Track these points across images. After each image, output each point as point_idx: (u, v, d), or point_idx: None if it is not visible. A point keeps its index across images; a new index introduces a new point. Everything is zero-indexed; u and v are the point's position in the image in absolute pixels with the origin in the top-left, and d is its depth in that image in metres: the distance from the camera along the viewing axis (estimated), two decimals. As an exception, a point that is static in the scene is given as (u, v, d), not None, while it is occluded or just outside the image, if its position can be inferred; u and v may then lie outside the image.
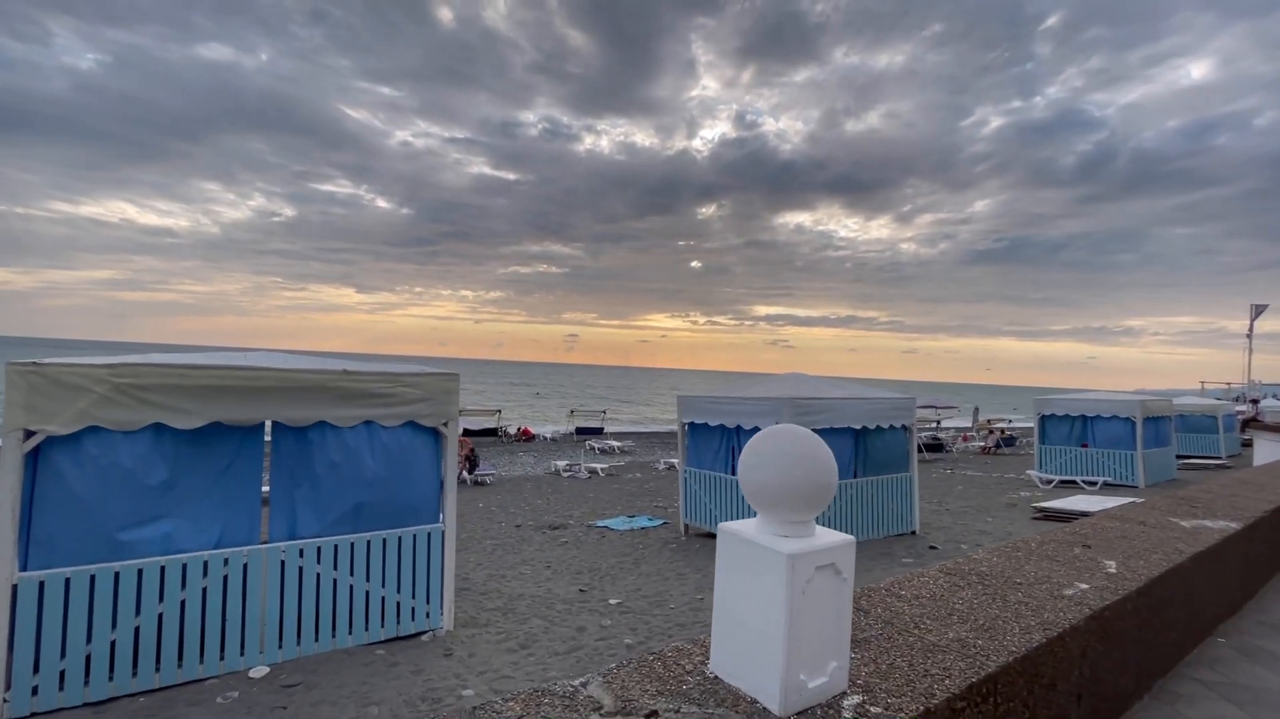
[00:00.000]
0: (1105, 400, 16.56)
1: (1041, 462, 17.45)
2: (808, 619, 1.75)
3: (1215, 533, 4.10)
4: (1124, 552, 3.53)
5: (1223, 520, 4.52)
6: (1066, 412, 17.09)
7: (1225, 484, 6.29)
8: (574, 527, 11.20)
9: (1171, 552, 3.59)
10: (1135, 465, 15.85)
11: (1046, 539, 3.77)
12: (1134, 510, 4.70)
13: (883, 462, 9.51)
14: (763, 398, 8.79)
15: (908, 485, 9.80)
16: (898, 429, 9.71)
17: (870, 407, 9.22)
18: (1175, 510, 4.84)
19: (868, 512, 9.22)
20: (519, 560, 8.56)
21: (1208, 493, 5.67)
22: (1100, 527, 4.18)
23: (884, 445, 9.53)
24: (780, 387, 9.42)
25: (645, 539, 9.93)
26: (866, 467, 9.34)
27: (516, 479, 19.20)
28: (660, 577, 7.57)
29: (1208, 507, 5.03)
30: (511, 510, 13.18)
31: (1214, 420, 24.44)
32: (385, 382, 5.34)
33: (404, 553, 5.40)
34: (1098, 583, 2.96)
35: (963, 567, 3.12)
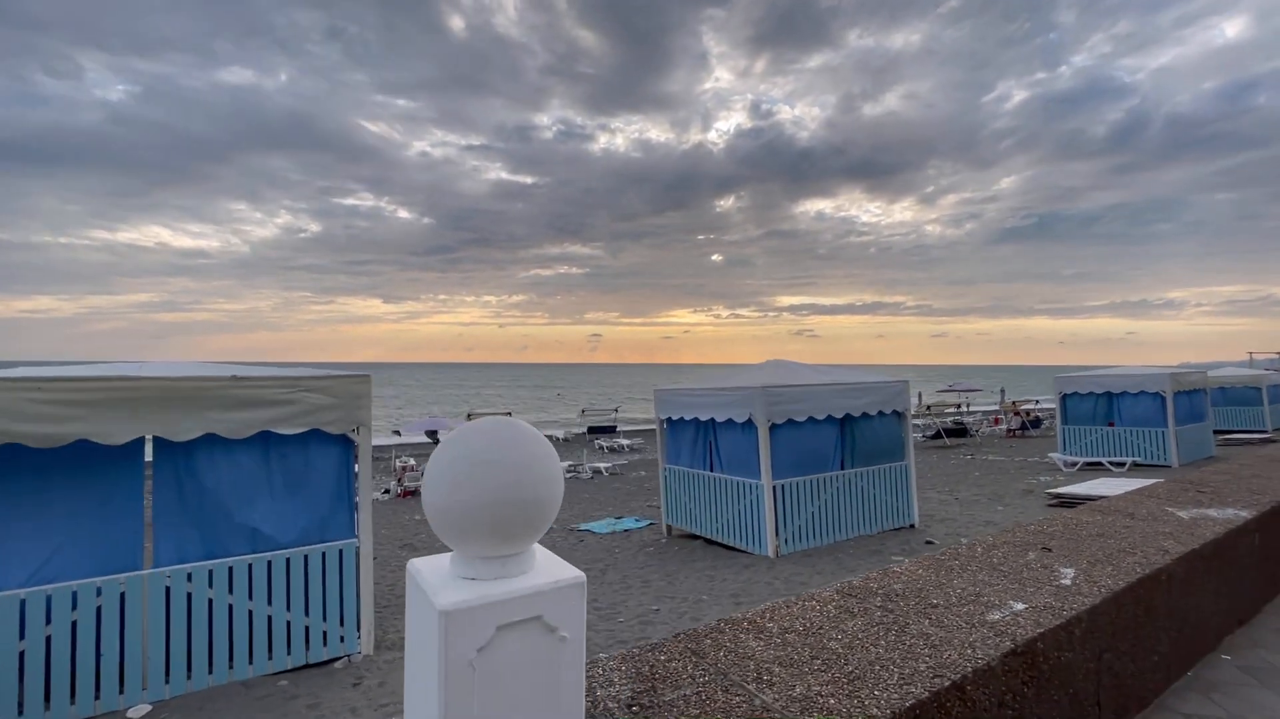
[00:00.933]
0: (1132, 375, 15.44)
1: (1065, 443, 16.40)
2: (487, 703, 1.19)
3: (1217, 526, 3.40)
4: (1092, 555, 2.87)
5: (1232, 509, 3.79)
6: (1090, 389, 16.01)
7: (1249, 463, 5.49)
8: (555, 531, 10.71)
9: (1154, 552, 2.92)
10: (1168, 443, 14.74)
11: (999, 541, 3.12)
12: (1125, 500, 4.00)
13: (873, 451, 8.79)
14: (734, 389, 8.16)
15: (903, 475, 9.06)
16: (888, 415, 8.98)
17: (856, 393, 8.52)
18: (1177, 497, 4.12)
19: (858, 506, 8.52)
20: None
21: (1224, 474, 4.90)
22: (1076, 522, 3.51)
23: (874, 433, 8.81)
24: (757, 376, 8.77)
25: (625, 542, 9.39)
26: (855, 457, 8.63)
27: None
28: (623, 585, 7.02)
29: (1218, 491, 4.29)
30: (499, 516, 12.74)
31: (1258, 392, 22.87)
32: (283, 387, 4.89)
33: (312, 573, 4.95)
34: (1041, 601, 2.32)
35: (870, 584, 2.51)
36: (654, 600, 6.26)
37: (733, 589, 6.45)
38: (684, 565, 7.72)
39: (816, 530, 8.07)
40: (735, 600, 6.05)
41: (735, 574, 7.06)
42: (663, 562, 8.06)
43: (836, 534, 8.25)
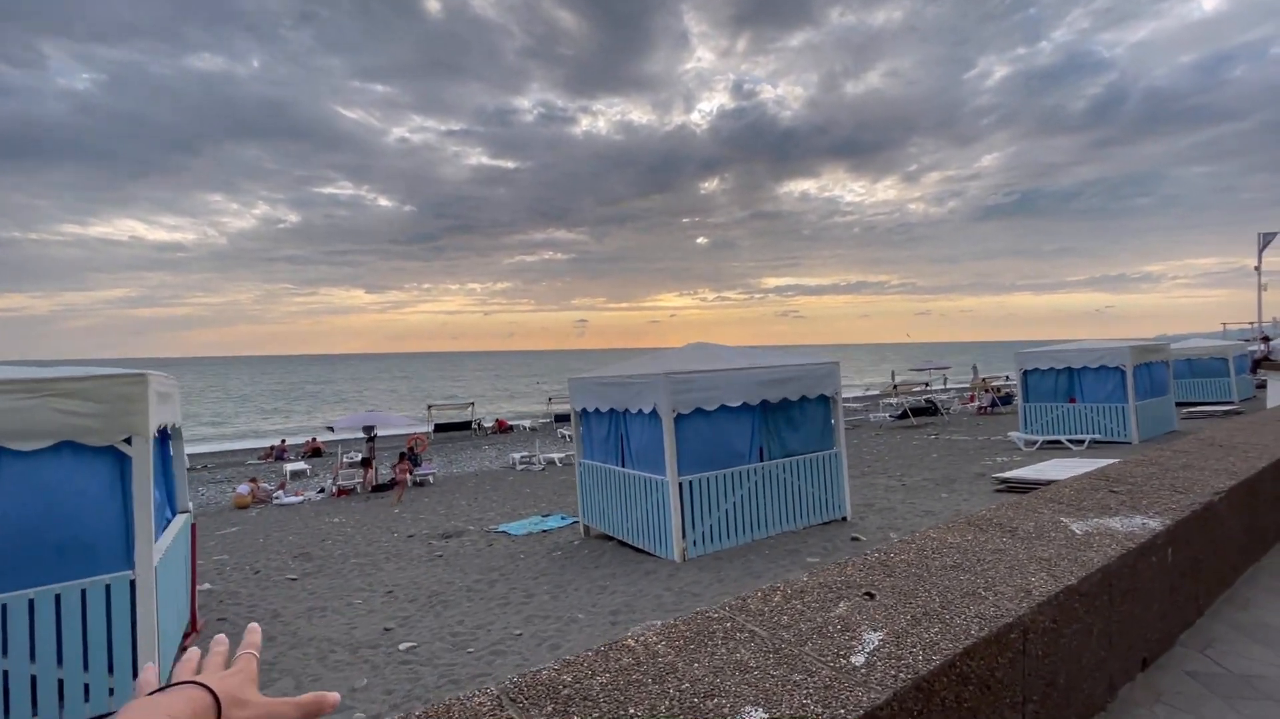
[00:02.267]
0: (1092, 349, 14.88)
1: (1026, 421, 15.86)
2: None
3: (1115, 544, 2.64)
4: (925, 603, 2.09)
5: (1141, 517, 3.05)
6: (1051, 364, 15.44)
7: (1183, 449, 4.78)
8: (472, 533, 9.92)
9: (1013, 594, 2.15)
10: (1128, 419, 14.22)
11: (813, 584, 2.33)
12: (1010, 509, 3.24)
13: (799, 440, 8.05)
14: (638, 376, 7.36)
15: (833, 465, 8.34)
16: (815, 401, 8.22)
17: (777, 377, 7.74)
18: (1082, 501, 3.38)
19: (781, 500, 7.79)
20: (363, 586, 7.29)
21: (1149, 466, 4.18)
22: (936, 545, 2.73)
23: (799, 421, 8.06)
24: (670, 360, 7.97)
25: (536, 546, 8.62)
26: (778, 447, 7.89)
27: (465, 477, 18.01)
28: (503, 602, 6.24)
29: (1135, 490, 3.55)
30: (424, 517, 11.95)
31: (1224, 363, 22.52)
32: (21, 392, 3.99)
33: (67, 615, 4.10)
34: (796, 702, 1.54)
35: (561, 676, 1.71)
36: (524, 622, 5.48)
37: (616, 604, 5.69)
38: (582, 574, 6.95)
39: (732, 530, 7.33)
40: (612, 620, 5.29)
41: (629, 584, 6.30)
42: (563, 569, 7.28)
43: (755, 532, 7.52)
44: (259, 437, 33.55)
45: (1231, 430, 5.64)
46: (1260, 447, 4.90)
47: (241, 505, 14.93)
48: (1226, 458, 4.44)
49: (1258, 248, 19.55)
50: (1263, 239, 19.40)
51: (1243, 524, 3.73)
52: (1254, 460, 4.29)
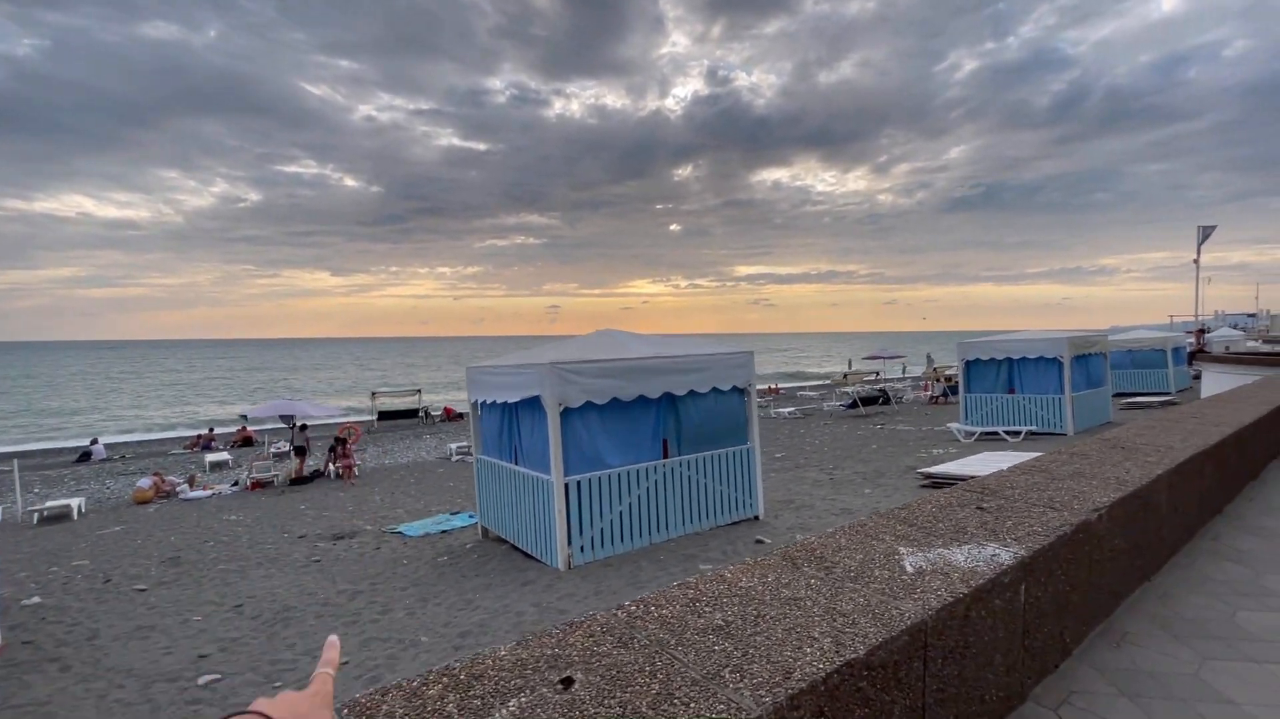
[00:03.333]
0: (1031, 340, 14.74)
1: (967, 411, 15.71)
2: None
3: (943, 589, 2.09)
4: (643, 692, 1.50)
5: (996, 545, 2.52)
6: (991, 355, 15.28)
7: (1081, 452, 4.34)
8: (367, 533, 9.18)
9: (765, 680, 1.57)
10: (1064, 410, 14.13)
11: (508, 659, 1.73)
12: (845, 536, 2.69)
13: (708, 434, 7.50)
14: (524, 365, 6.69)
15: (746, 461, 7.82)
16: (727, 393, 7.67)
17: (682, 368, 7.16)
18: (938, 523, 2.84)
19: (685, 500, 7.24)
20: (215, 598, 6.51)
21: (1034, 474, 3.69)
22: (719, 591, 2.15)
23: (708, 414, 7.50)
24: (568, 349, 7.32)
25: (427, 549, 7.93)
26: (683, 443, 7.32)
27: (395, 469, 17.15)
28: (351, 619, 5.56)
29: (1004, 509, 3.04)
30: (328, 513, 11.14)
31: (1163, 354, 22.90)
32: None
33: None
34: None
35: None
36: (361, 646, 4.81)
37: (472, 624, 5.07)
38: (456, 584, 6.31)
39: (628, 533, 6.75)
40: (458, 644, 4.66)
41: (498, 598, 5.68)
42: (439, 578, 6.62)
43: (656, 535, 6.96)
44: (193, 425, 31.89)
45: (1141, 429, 5.25)
46: (1164, 448, 4.50)
47: (141, 501, 13.85)
48: (1124, 463, 4.00)
49: (1196, 241, 19.76)
50: (1201, 232, 19.61)
51: (1128, 542, 3.26)
52: (1151, 466, 3.85)
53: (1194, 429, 5.33)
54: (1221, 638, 2.79)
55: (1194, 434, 5.10)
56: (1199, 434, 5.12)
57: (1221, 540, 4.24)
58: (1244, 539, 4.21)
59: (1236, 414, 6.25)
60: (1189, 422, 5.78)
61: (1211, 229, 19.77)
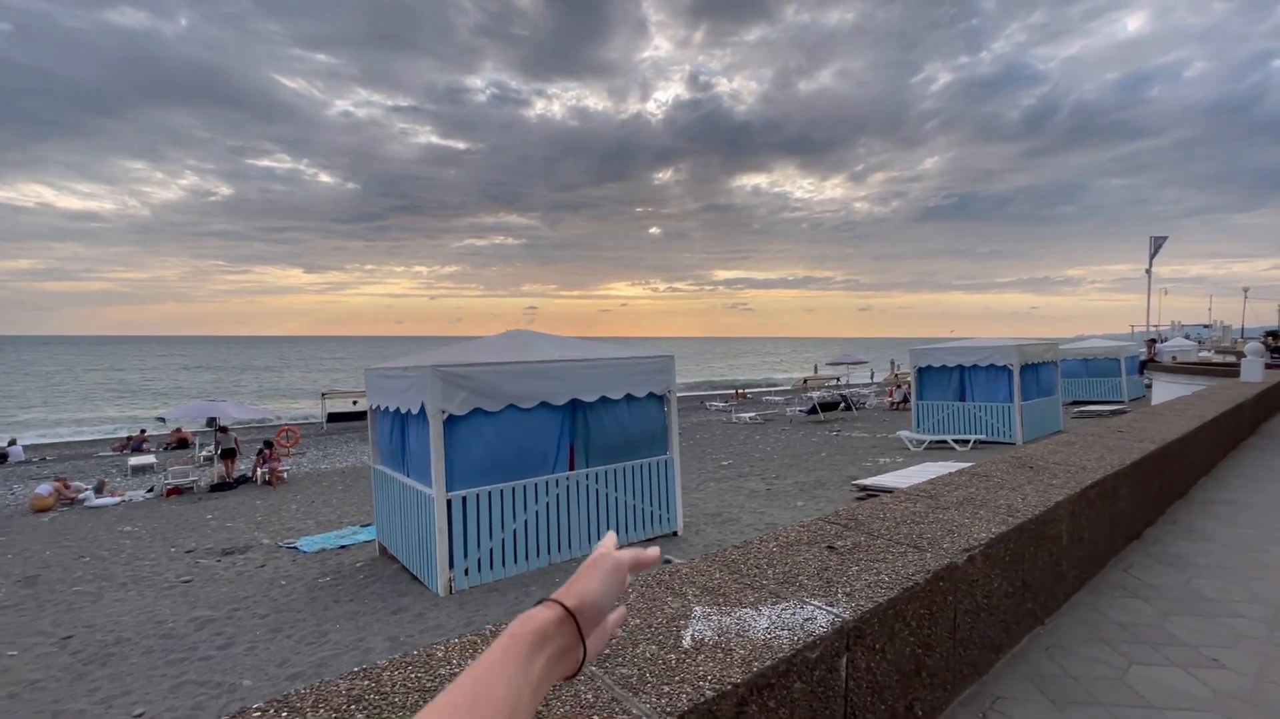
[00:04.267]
0: (981, 348, 14.54)
1: (919, 419, 15.47)
2: None
3: (716, 670, 1.59)
4: None
5: (818, 602, 2.01)
6: (943, 362, 15.05)
7: (984, 472, 3.90)
8: (261, 548, 8.44)
9: None
10: (1013, 419, 13.95)
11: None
12: (636, 590, 2.18)
13: (620, 444, 6.96)
14: (409, 368, 6.08)
15: (664, 473, 7.31)
16: (643, 399, 7.15)
17: (591, 372, 6.61)
18: (766, 569, 2.33)
19: (594, 515, 6.69)
20: (49, 627, 5.75)
21: (917, 501, 3.21)
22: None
23: (621, 423, 6.96)
24: (467, 351, 6.72)
25: (315, 567, 7.24)
26: (593, 453, 6.77)
27: (328, 474, 16.28)
28: (180, 657, 4.87)
29: (860, 548, 2.55)
30: (231, 524, 10.34)
31: (1117, 363, 23.09)
32: None
33: None
34: None
35: None
36: (170, 691, 4.14)
37: (311, 663, 4.44)
38: (323, 611, 5.65)
39: (523, 552, 6.17)
40: (285, 689, 4.05)
41: (355, 631, 5.05)
42: (307, 604, 5.95)
43: (557, 554, 6.39)
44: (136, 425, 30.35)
45: (1057, 446, 4.85)
46: (1075, 468, 4.08)
47: (39, 509, 12.81)
48: (1024, 486, 3.55)
49: (1149, 252, 19.94)
50: (1153, 243, 19.79)
51: (1013, 584, 2.80)
52: (1053, 491, 3.41)
53: (1115, 445, 4.96)
54: (1105, 703, 2.32)
55: (1114, 451, 4.73)
56: (1119, 451, 4.75)
57: (1133, 572, 3.84)
58: (1156, 571, 3.80)
59: (1164, 428, 5.93)
60: (1113, 437, 5.43)
61: (1163, 240, 19.97)
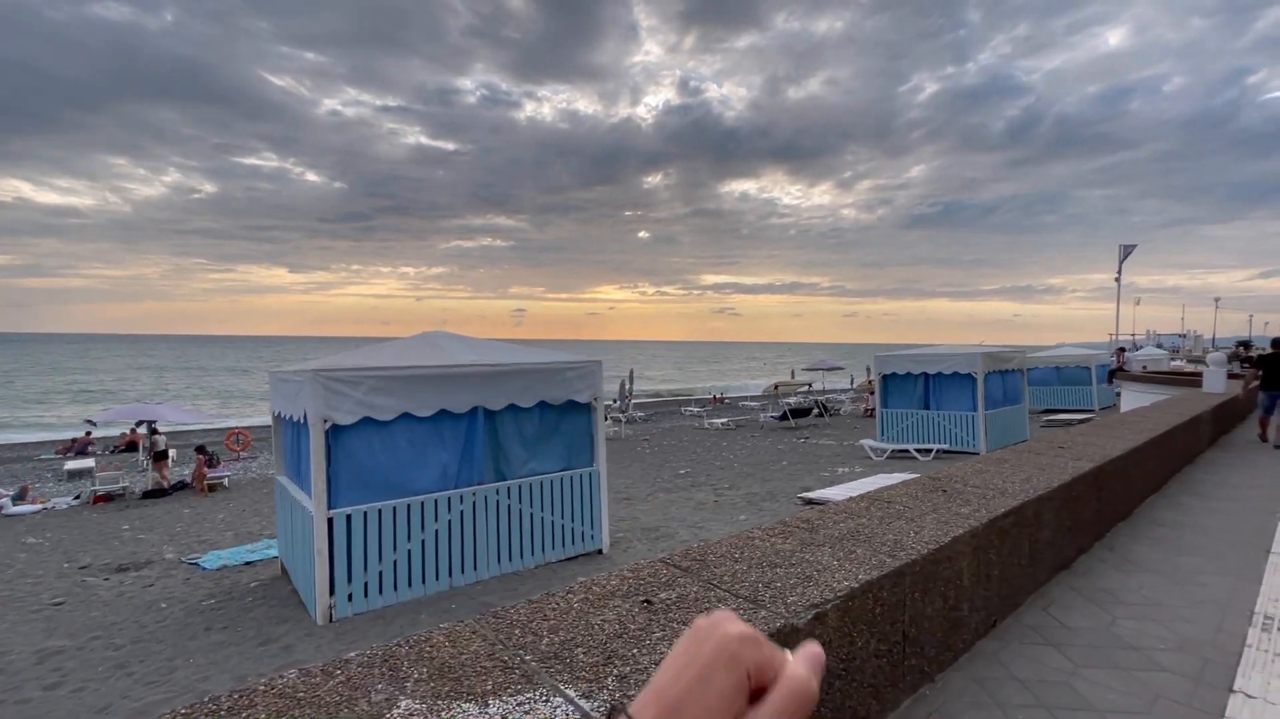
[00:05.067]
0: (945, 355, 14.21)
1: (883, 427, 15.11)
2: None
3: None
4: None
5: (573, 692, 1.54)
6: (908, 369, 14.71)
7: (887, 497, 3.46)
8: (160, 564, 7.82)
9: None
10: (976, 428, 13.63)
11: None
12: (315, 673, 1.69)
13: (538, 456, 6.46)
14: (300, 372, 5.55)
15: (588, 486, 6.82)
16: (561, 407, 6.65)
17: (504, 378, 6.11)
18: (541, 639, 1.86)
19: (504, 533, 6.18)
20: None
21: (781, 540, 2.75)
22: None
23: (538, 433, 6.46)
24: (373, 355, 6.20)
25: (209, 586, 6.65)
26: (504, 465, 6.26)
27: (270, 481, 15.58)
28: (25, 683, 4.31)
29: (679, 603, 2.09)
30: (146, 536, 9.68)
31: (1088, 372, 22.99)
32: None
33: None
34: None
35: None
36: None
37: (130, 711, 3.89)
38: (189, 641, 5.08)
39: (419, 575, 5.63)
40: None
41: (203, 668, 4.50)
42: (182, 630, 5.37)
43: (459, 577, 5.86)
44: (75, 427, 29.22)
45: (980, 467, 4.42)
46: (994, 492, 3.65)
47: (-50, 516, 12.04)
48: (927, 515, 3.11)
49: (1118, 259, 19.84)
50: (1123, 250, 19.70)
51: (880, 643, 2.34)
52: (954, 523, 2.97)
53: (1049, 464, 4.56)
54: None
55: (1045, 471, 4.32)
56: (1051, 471, 4.34)
57: (1053, 611, 3.42)
58: (1079, 611, 3.38)
59: (1109, 444, 5.55)
60: (1051, 454, 5.03)
61: (1132, 248, 19.88)
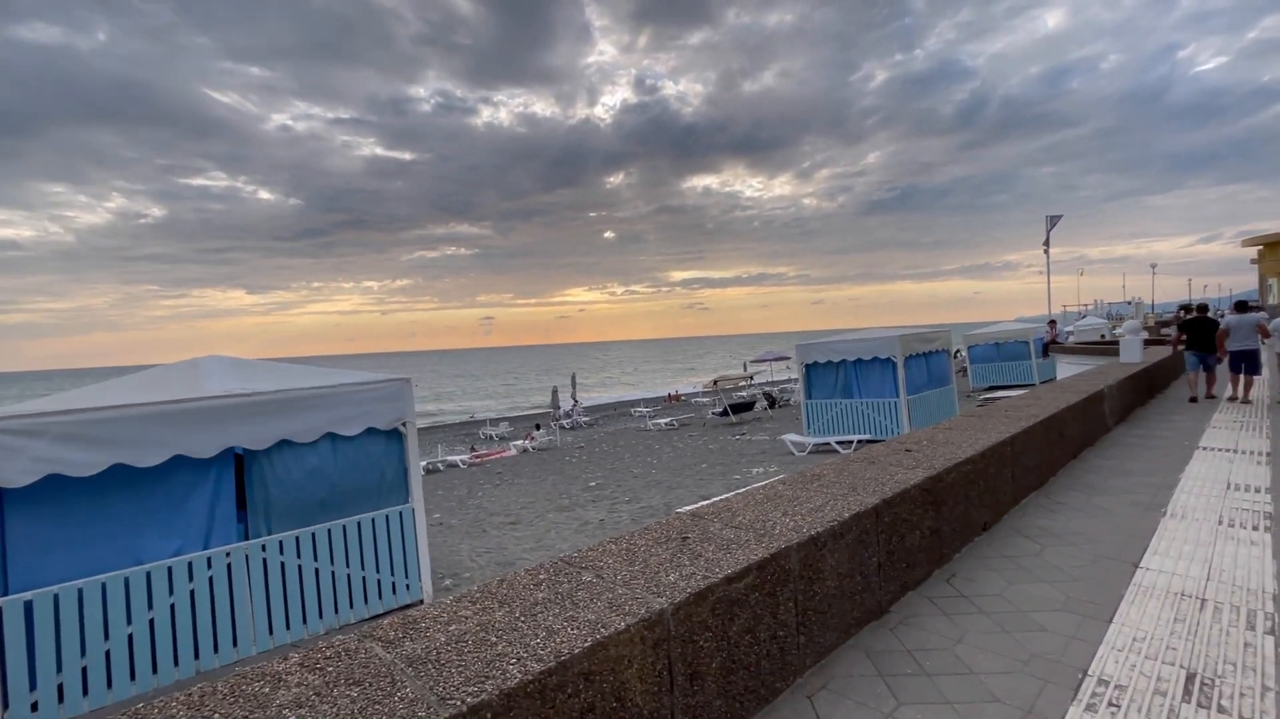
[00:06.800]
0: (864, 340, 13.52)
1: (808, 420, 14.39)
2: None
3: None
4: None
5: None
6: (829, 357, 13.98)
7: (593, 561, 2.56)
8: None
9: None
10: (899, 415, 12.97)
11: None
12: None
13: (322, 500, 5.41)
14: None
15: (399, 528, 5.79)
16: (358, 438, 5.61)
17: (270, 410, 5.04)
18: None
19: (283, 595, 5.11)
20: None
21: (539, 591, 1.80)
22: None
23: (323, 471, 5.40)
24: (107, 391, 5.08)
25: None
26: (277, 515, 5.19)
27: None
28: None
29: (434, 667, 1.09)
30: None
31: (1026, 346, 22.75)
32: None
33: None
34: None
35: None
36: None
37: None
38: None
39: (149, 664, 4.52)
40: None
41: None
42: None
43: (213, 658, 4.78)
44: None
45: (781, 489, 3.55)
46: (759, 531, 2.77)
47: None
48: (666, 572, 2.21)
49: (1045, 229, 19.59)
50: (1049, 221, 19.46)
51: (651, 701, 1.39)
52: (690, 581, 2.08)
53: (872, 479, 3.68)
54: None
55: (857, 491, 3.45)
56: (866, 489, 3.49)
57: (835, 688, 2.55)
58: (859, 689, 2.51)
59: (971, 439, 4.76)
60: (890, 459, 4.18)
61: (1058, 218, 19.64)
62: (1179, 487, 5.12)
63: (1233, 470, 5.56)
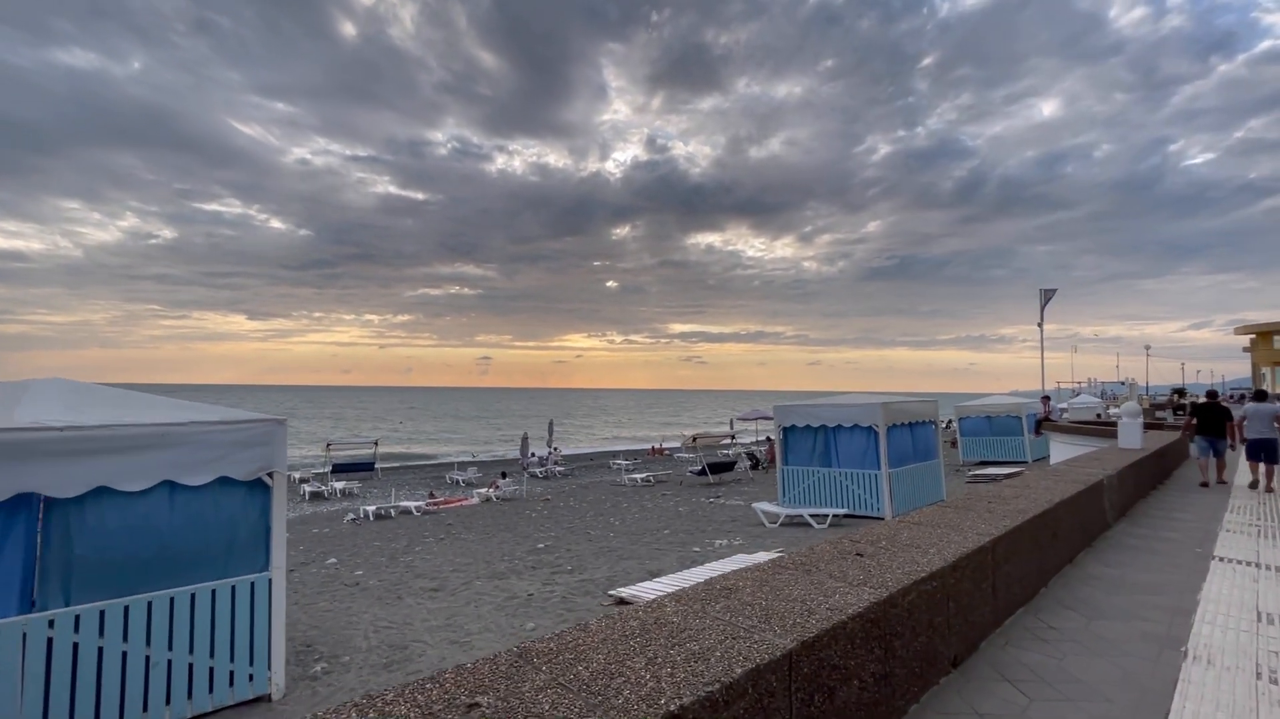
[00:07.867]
0: (845, 405, 12.63)
1: (784, 488, 13.34)
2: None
3: None
4: None
5: None
6: (808, 421, 13.06)
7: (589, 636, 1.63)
8: None
9: None
10: (880, 488, 11.95)
11: None
12: None
13: (148, 562, 4.38)
14: None
15: (249, 602, 4.74)
16: (205, 488, 4.63)
17: (101, 449, 4.10)
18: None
19: (74, 688, 4.04)
20: None
21: None
22: None
23: (153, 527, 4.39)
24: None
25: None
26: (81, 581, 4.16)
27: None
28: None
29: None
30: None
31: (1018, 421, 21.89)
32: None
33: None
34: None
35: None
36: None
37: None
38: None
39: None
40: None
41: None
42: None
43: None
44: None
45: (772, 574, 2.61)
46: (646, 693, 1.84)
47: None
48: None
49: (1040, 304, 19.10)
50: (1044, 295, 18.99)
51: None
52: None
53: (801, 599, 2.77)
54: None
55: (786, 616, 2.54)
56: (793, 614, 2.56)
57: None
58: None
59: (949, 535, 3.84)
60: (835, 566, 3.27)
61: (1052, 293, 19.21)
62: (1198, 614, 4.16)
63: (1260, 594, 4.60)
